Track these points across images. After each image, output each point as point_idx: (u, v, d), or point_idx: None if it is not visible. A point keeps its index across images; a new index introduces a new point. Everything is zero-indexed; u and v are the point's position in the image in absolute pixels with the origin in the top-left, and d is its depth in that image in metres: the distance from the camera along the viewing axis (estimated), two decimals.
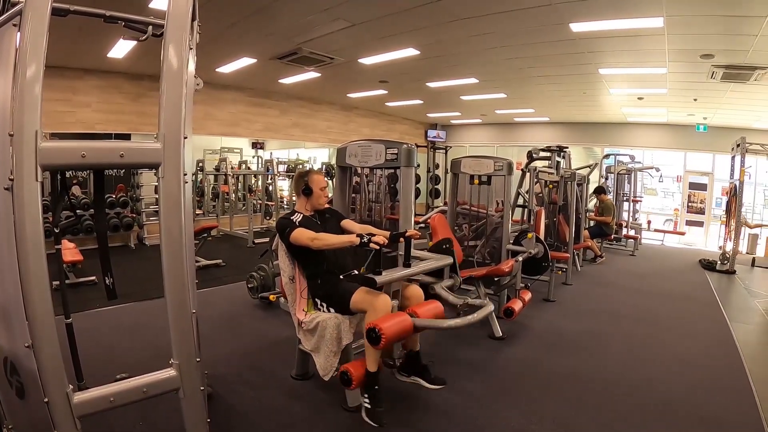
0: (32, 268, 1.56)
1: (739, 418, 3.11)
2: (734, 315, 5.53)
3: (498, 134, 15.52)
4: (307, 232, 3.02)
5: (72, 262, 5.49)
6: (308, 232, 3.01)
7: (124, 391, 1.80)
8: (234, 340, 4.20)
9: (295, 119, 11.94)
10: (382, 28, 6.06)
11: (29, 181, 1.54)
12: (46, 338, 1.61)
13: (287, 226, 3.11)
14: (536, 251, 4.98)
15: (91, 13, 1.90)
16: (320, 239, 3.00)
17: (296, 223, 3.13)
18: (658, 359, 4.10)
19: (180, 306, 1.87)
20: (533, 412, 3.09)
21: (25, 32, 1.55)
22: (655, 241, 11.83)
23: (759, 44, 5.55)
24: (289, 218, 3.22)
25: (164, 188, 1.82)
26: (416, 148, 3.63)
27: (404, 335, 2.72)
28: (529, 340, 4.46)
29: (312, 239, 2.98)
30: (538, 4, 4.99)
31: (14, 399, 1.81)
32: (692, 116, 11.01)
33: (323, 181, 3.37)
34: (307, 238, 2.99)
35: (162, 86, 1.80)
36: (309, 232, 3.02)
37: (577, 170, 7.82)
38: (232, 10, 5.46)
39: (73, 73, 7.90)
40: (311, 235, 2.99)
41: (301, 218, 3.25)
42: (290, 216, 3.27)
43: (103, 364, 3.25)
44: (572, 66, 7.51)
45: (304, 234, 3.01)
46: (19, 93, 1.53)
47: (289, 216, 3.27)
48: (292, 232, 3.04)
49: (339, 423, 2.87)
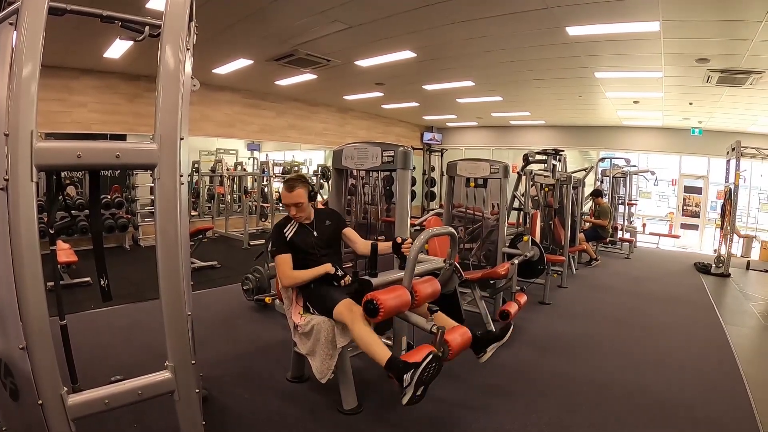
0: (27, 269, 1.55)
1: (734, 420, 3.11)
2: (729, 318, 5.55)
3: (494, 137, 15.55)
4: (285, 263, 3.03)
5: (67, 263, 5.46)
6: (285, 265, 3.03)
7: (118, 394, 1.79)
8: (229, 342, 4.19)
9: (291, 121, 11.94)
10: (379, 30, 6.07)
11: (24, 182, 1.53)
12: (41, 340, 1.59)
13: (276, 242, 3.12)
14: (532, 254, 4.99)
15: (87, 13, 1.89)
16: (292, 278, 3.03)
17: (286, 238, 3.10)
18: (653, 362, 4.10)
19: (175, 308, 1.87)
20: (528, 414, 3.09)
21: (22, 31, 1.54)
22: (651, 245, 11.88)
23: (754, 49, 5.58)
24: (282, 230, 3.14)
25: (160, 189, 1.81)
26: (412, 150, 3.63)
27: (402, 309, 2.69)
28: (524, 343, 4.45)
29: (284, 278, 3.04)
30: (534, 7, 5.01)
31: (8, 401, 1.80)
32: (687, 120, 11.07)
33: (290, 195, 3.11)
34: (282, 273, 3.04)
35: (158, 87, 1.79)
36: (286, 264, 3.03)
37: (573, 173, 7.85)
38: (229, 12, 5.45)
39: (69, 72, 7.88)
40: (285, 272, 3.03)
41: (295, 229, 3.16)
42: (284, 226, 3.17)
43: (98, 366, 3.23)
44: (568, 69, 7.54)
45: (281, 266, 3.04)
46: (15, 92, 1.52)
47: (282, 226, 3.18)
48: (277, 254, 3.07)
49: (335, 426, 2.85)
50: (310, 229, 3.20)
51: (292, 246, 3.10)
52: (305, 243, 3.13)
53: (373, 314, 2.48)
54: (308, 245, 3.13)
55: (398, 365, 2.41)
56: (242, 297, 5.28)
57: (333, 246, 3.31)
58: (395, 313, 2.65)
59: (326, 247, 3.22)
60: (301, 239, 3.12)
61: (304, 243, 3.12)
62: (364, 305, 2.54)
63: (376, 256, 2.87)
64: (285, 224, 3.18)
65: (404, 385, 2.35)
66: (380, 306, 2.45)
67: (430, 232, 3.03)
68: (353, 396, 3.03)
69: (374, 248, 2.91)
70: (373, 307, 2.47)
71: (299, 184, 3.10)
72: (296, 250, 3.10)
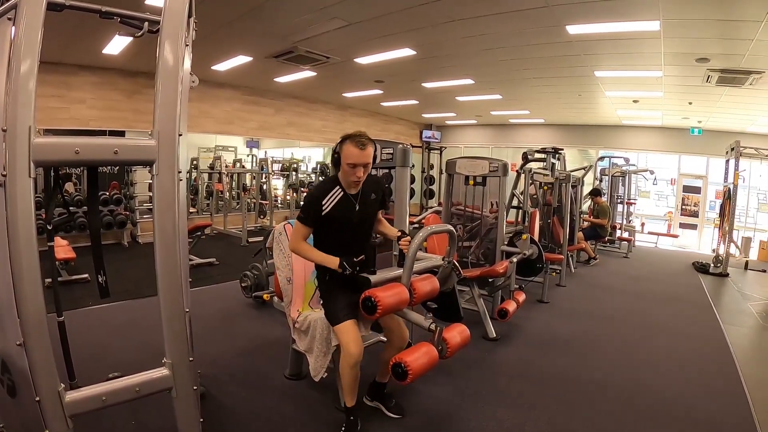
0: (24, 266, 1.55)
1: (731, 420, 3.12)
2: (727, 317, 5.56)
3: (493, 135, 15.55)
4: (301, 233, 2.69)
5: (65, 259, 5.46)
6: (300, 235, 2.69)
7: (116, 390, 1.79)
8: (227, 339, 4.19)
9: (290, 118, 11.92)
10: (378, 27, 6.06)
11: (22, 178, 1.52)
12: (38, 336, 1.59)
13: (307, 209, 2.67)
14: (530, 252, 4.99)
15: (86, 9, 1.88)
16: (299, 250, 2.73)
17: (321, 211, 2.64)
18: (651, 361, 4.11)
19: (173, 304, 1.86)
20: (527, 412, 3.10)
21: (20, 27, 1.53)
22: (649, 244, 11.90)
23: (754, 49, 5.58)
24: (319, 200, 2.65)
25: (158, 186, 1.81)
26: (411, 148, 3.63)
27: (401, 307, 2.67)
28: (522, 341, 4.46)
29: (293, 243, 2.73)
30: (534, 5, 5.00)
31: (5, 397, 1.79)
32: (687, 119, 11.08)
33: (358, 154, 2.56)
34: (293, 239, 2.73)
35: (157, 83, 1.79)
36: (302, 234, 2.69)
37: (572, 172, 7.86)
38: (229, 8, 5.44)
39: (67, 68, 7.85)
40: (298, 240, 2.70)
41: (338, 198, 2.68)
42: (324, 194, 2.67)
43: (96, 363, 3.23)
44: (568, 68, 7.54)
45: (297, 232, 2.71)
46: (13, 88, 1.51)
47: (322, 193, 2.68)
48: (300, 220, 2.68)
49: (332, 423, 2.85)
50: (353, 201, 2.73)
51: (328, 219, 2.67)
52: (345, 217, 2.71)
53: (371, 312, 2.46)
54: (347, 220, 2.71)
55: (350, 416, 2.73)
56: (240, 294, 5.28)
57: (369, 222, 2.89)
58: (393, 310, 2.64)
59: (363, 223, 2.82)
60: (341, 213, 2.69)
61: (343, 217, 2.70)
62: (362, 302, 2.51)
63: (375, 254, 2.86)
64: (326, 191, 2.68)
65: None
66: (378, 303, 2.44)
67: (429, 229, 3.02)
68: None
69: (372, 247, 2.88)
70: (371, 305, 2.46)
71: (369, 142, 2.60)
72: (331, 222, 2.68)
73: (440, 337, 2.64)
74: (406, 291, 2.65)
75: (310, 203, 2.67)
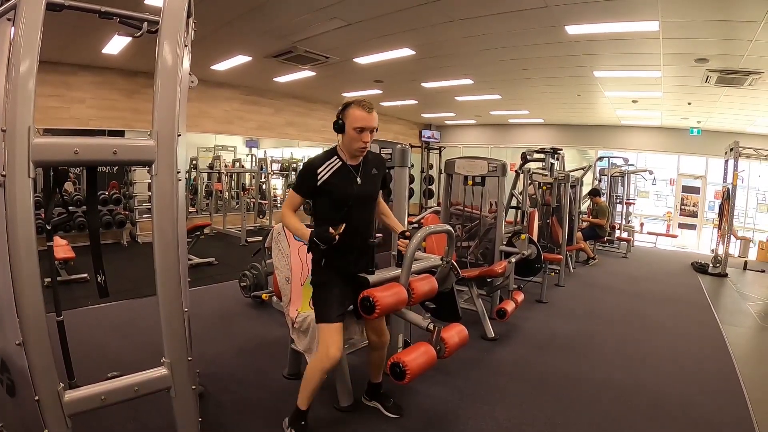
0: (24, 265, 1.55)
1: (729, 420, 3.13)
2: (726, 318, 5.57)
3: (492, 135, 15.56)
4: (292, 204, 2.55)
5: (64, 259, 5.47)
6: (291, 205, 2.56)
7: (115, 390, 1.79)
8: (226, 339, 4.19)
9: (289, 118, 11.92)
10: (378, 27, 6.06)
11: (21, 178, 1.53)
12: (37, 336, 1.60)
13: (301, 178, 2.52)
14: (529, 252, 4.99)
15: (86, 9, 1.89)
16: (283, 217, 2.58)
17: (317, 181, 2.44)
18: (650, 361, 4.12)
19: (172, 304, 1.87)
20: (525, 412, 3.10)
21: (20, 27, 1.54)
22: (648, 244, 11.90)
23: (754, 49, 5.58)
24: (315, 170, 2.46)
25: (157, 186, 1.82)
26: (410, 148, 3.63)
27: (399, 307, 2.65)
28: (521, 341, 4.47)
29: (282, 210, 2.59)
30: (533, 6, 5.00)
31: (5, 397, 1.80)
32: (686, 120, 11.08)
33: (366, 118, 2.41)
34: (284, 208, 2.59)
35: (156, 83, 1.79)
36: (293, 204, 2.55)
37: (571, 172, 7.86)
38: (228, 8, 5.44)
39: (66, 68, 7.85)
40: (287, 211, 2.56)
41: (337, 167, 2.49)
42: (321, 163, 2.48)
43: (95, 363, 3.24)
44: (567, 68, 7.54)
45: (288, 203, 2.57)
46: (13, 88, 1.52)
47: (318, 162, 2.49)
48: (294, 190, 2.54)
49: (331, 423, 2.86)
50: (354, 172, 2.54)
51: (324, 190, 2.47)
52: (344, 190, 2.49)
53: (370, 312, 2.46)
54: (346, 193, 2.50)
55: (295, 418, 2.62)
56: (239, 294, 5.28)
57: (372, 199, 2.69)
58: (392, 310, 2.64)
59: (366, 199, 2.62)
60: (340, 182, 2.48)
61: (342, 189, 2.49)
62: (360, 302, 2.49)
63: (374, 253, 2.85)
64: (323, 160, 2.49)
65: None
66: (377, 303, 2.44)
67: (428, 229, 3.02)
68: (350, 393, 3.04)
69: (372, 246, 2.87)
70: (370, 305, 2.45)
71: (373, 108, 2.47)
72: (329, 194, 2.48)
73: (438, 337, 2.65)
74: (404, 291, 2.65)
75: (306, 171, 2.50)
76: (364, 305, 2.48)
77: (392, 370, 2.50)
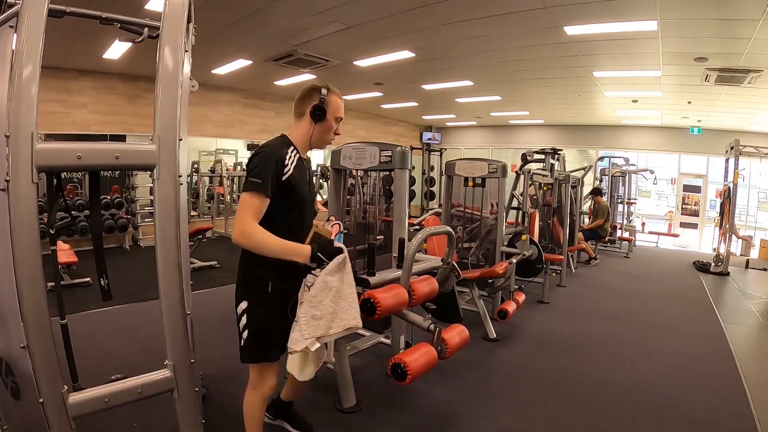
0: (27, 270, 1.56)
1: (732, 419, 3.13)
2: (728, 316, 5.57)
3: (493, 136, 15.57)
4: (255, 209, 1.92)
5: (67, 263, 5.48)
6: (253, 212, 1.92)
7: (118, 392, 1.80)
8: (228, 341, 4.16)
9: (290, 121, 11.79)
10: (377, 30, 6.08)
11: (25, 183, 1.54)
12: (41, 339, 1.61)
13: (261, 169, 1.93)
14: (530, 253, 5.00)
15: (87, 15, 1.91)
16: (251, 234, 1.93)
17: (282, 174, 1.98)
18: (652, 360, 4.12)
19: (174, 307, 1.88)
20: (526, 412, 3.11)
21: (22, 34, 1.55)
22: (650, 243, 11.89)
23: (753, 47, 5.59)
24: (281, 158, 2.00)
25: (159, 190, 1.82)
26: (411, 150, 3.64)
27: (400, 308, 2.64)
28: (522, 342, 4.47)
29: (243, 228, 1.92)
30: (532, 7, 5.02)
31: (9, 399, 1.81)
32: (686, 119, 11.08)
33: (342, 107, 2.23)
34: (242, 219, 1.92)
35: (157, 88, 1.80)
36: (256, 210, 1.92)
37: (571, 173, 7.87)
38: (228, 12, 5.46)
39: (68, 73, 7.88)
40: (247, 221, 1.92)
41: (296, 159, 2.08)
42: (284, 150, 2.04)
43: (98, 365, 3.25)
44: (566, 69, 7.56)
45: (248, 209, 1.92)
46: (16, 94, 1.53)
47: (279, 148, 2.04)
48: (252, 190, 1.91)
49: (333, 424, 2.87)
50: (306, 167, 2.19)
51: (287, 189, 2.01)
52: (303, 191, 2.11)
53: (371, 313, 2.47)
54: (304, 195, 2.12)
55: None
56: None
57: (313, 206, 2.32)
58: (393, 312, 2.65)
59: (311, 205, 2.26)
60: (301, 179, 2.09)
61: (302, 189, 2.10)
62: (361, 303, 2.43)
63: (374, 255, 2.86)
64: (284, 148, 2.06)
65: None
66: (378, 305, 2.45)
67: (428, 231, 3.04)
68: (352, 395, 3.05)
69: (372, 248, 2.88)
70: (371, 306, 2.46)
71: None
72: (290, 195, 2.03)
73: (439, 338, 2.66)
74: (405, 292, 2.66)
75: (270, 158, 1.96)
76: (365, 306, 2.47)
77: (393, 370, 2.51)
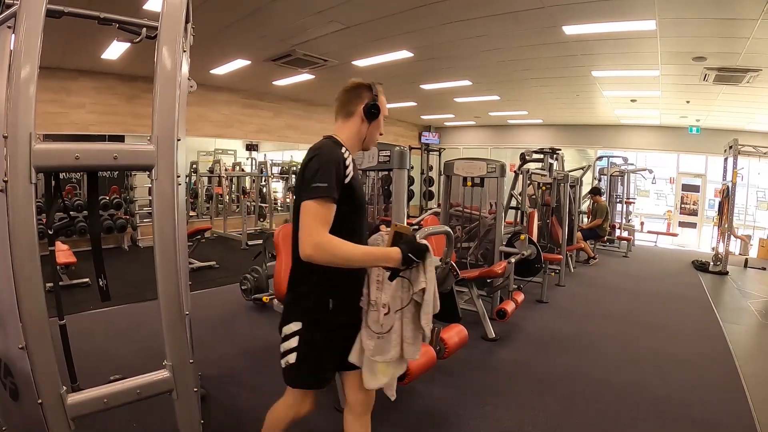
0: (26, 270, 1.56)
1: (731, 418, 3.13)
2: (727, 316, 5.57)
3: (492, 136, 15.57)
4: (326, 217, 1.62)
5: (66, 263, 5.47)
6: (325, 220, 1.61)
7: (117, 393, 1.80)
8: (227, 341, 4.20)
9: (289, 121, 11.93)
10: (376, 30, 6.08)
11: (23, 183, 1.53)
12: (40, 340, 1.60)
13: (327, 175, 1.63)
14: (529, 253, 5.00)
15: (85, 15, 1.90)
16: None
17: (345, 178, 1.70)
18: (651, 360, 4.12)
19: (173, 307, 1.87)
20: (526, 412, 3.11)
21: (20, 34, 1.54)
22: (649, 243, 11.90)
23: (751, 47, 5.60)
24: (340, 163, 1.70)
25: (157, 190, 1.82)
26: (409, 150, 3.64)
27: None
28: (522, 341, 4.48)
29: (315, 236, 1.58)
30: (530, 6, 5.02)
31: (8, 400, 1.81)
32: (685, 118, 11.09)
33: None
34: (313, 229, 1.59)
35: (155, 88, 1.80)
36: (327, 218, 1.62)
37: (570, 172, 7.87)
38: (227, 12, 5.46)
39: (66, 74, 7.87)
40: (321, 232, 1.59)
41: (351, 161, 1.78)
42: (342, 155, 1.73)
43: (97, 366, 3.24)
44: (565, 68, 7.56)
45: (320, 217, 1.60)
46: (14, 95, 1.53)
47: (338, 152, 1.74)
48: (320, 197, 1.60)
49: (333, 424, 2.86)
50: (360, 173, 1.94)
51: (348, 191, 1.72)
52: (362, 192, 1.89)
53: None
54: (364, 196, 1.91)
55: None
56: (240, 297, 5.29)
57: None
58: None
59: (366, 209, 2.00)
60: (359, 181, 1.86)
61: (361, 191, 1.88)
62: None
63: None
64: (339, 149, 1.77)
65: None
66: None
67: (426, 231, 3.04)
68: None
69: None
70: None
71: None
72: (352, 199, 1.75)
73: (438, 338, 2.66)
74: None
75: (330, 163, 1.66)
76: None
77: None
